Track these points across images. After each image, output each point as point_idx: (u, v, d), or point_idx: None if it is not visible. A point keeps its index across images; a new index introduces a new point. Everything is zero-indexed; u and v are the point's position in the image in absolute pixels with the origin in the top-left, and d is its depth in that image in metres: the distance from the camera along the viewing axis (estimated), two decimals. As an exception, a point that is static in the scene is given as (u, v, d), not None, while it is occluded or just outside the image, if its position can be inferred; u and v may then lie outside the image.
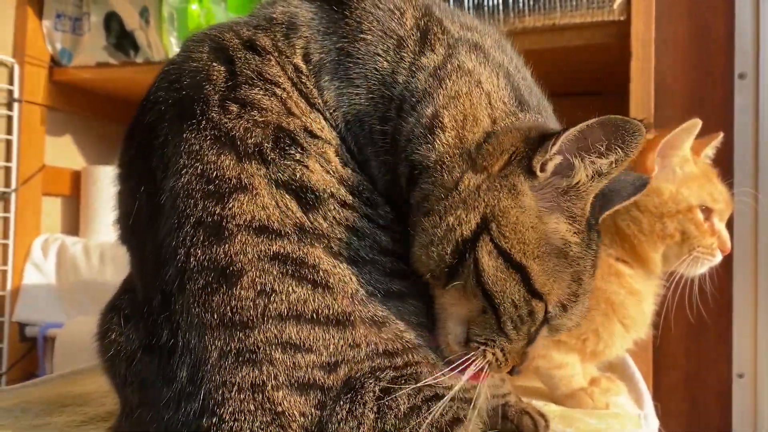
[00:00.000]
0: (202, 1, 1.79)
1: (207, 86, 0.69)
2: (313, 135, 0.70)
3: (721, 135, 1.18)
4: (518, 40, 1.54)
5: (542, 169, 0.67)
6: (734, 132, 1.69)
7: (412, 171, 0.71)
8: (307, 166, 0.67)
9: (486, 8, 1.55)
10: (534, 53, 1.55)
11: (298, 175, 0.66)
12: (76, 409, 0.95)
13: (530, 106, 0.74)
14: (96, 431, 0.85)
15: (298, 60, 0.73)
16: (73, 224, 2.19)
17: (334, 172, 0.69)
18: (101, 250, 1.96)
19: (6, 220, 1.98)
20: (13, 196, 1.97)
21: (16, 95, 1.96)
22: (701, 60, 1.77)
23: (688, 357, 1.73)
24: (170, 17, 1.79)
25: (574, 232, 0.67)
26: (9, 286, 1.97)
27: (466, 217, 0.65)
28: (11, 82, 1.96)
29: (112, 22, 1.96)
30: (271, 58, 0.72)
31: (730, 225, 1.11)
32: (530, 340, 0.70)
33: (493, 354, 0.68)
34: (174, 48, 1.80)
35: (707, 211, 1.06)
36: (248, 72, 0.70)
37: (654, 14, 1.45)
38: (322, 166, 0.68)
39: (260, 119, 0.67)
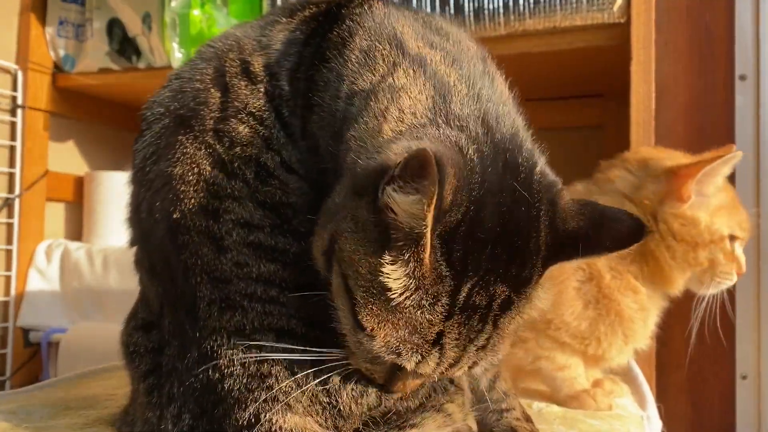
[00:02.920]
0: (204, 6, 1.80)
1: (204, 110, 0.76)
2: (290, 170, 0.75)
3: (740, 154, 1.16)
4: (519, 43, 1.56)
5: (381, 194, 0.58)
6: (735, 134, 1.70)
7: None
8: (286, 193, 0.73)
9: (486, 11, 1.55)
10: (535, 56, 1.59)
11: (276, 199, 0.73)
12: (80, 412, 0.96)
13: (450, 118, 0.65)
14: (99, 433, 0.86)
15: (284, 83, 0.77)
16: (76, 230, 2.19)
17: (310, 202, 0.73)
18: (104, 256, 1.97)
19: (9, 225, 1.98)
20: (16, 202, 1.98)
21: (19, 101, 1.97)
22: (702, 62, 1.77)
23: (692, 358, 1.73)
24: (172, 23, 1.80)
25: (406, 280, 0.59)
26: (13, 291, 1.98)
27: (324, 235, 0.65)
28: (15, 89, 1.97)
29: (115, 28, 1.97)
30: (261, 87, 0.77)
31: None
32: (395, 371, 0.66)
33: (355, 363, 0.68)
34: (176, 53, 1.81)
35: (733, 239, 1.07)
36: (237, 104, 0.76)
37: (654, 16, 1.46)
38: (299, 197, 0.73)
39: (243, 154, 0.74)
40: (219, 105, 0.76)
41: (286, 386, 0.67)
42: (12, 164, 1.98)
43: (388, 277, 0.58)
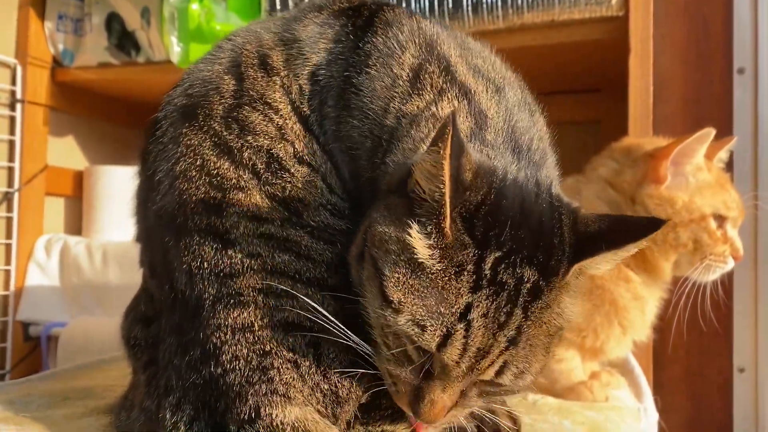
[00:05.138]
0: (202, 1, 1.80)
1: (214, 96, 0.76)
2: (302, 161, 0.74)
3: (735, 139, 1.17)
4: (517, 37, 1.56)
5: (410, 177, 0.63)
6: (733, 127, 1.70)
7: None
8: (296, 186, 0.73)
9: (484, 5, 1.55)
10: (533, 50, 1.58)
11: (287, 193, 0.72)
12: (78, 402, 0.96)
13: (483, 142, 0.70)
14: (97, 423, 0.86)
15: (304, 81, 0.77)
16: (75, 224, 2.20)
17: (320, 197, 0.74)
18: (104, 250, 1.97)
19: (9, 220, 1.99)
20: (16, 196, 1.99)
21: (18, 96, 1.98)
22: (700, 55, 1.77)
23: (689, 351, 1.73)
24: (171, 17, 1.80)
25: (430, 249, 0.61)
26: (12, 285, 1.98)
27: (358, 238, 0.68)
28: (14, 83, 1.98)
29: (114, 22, 1.97)
30: (278, 79, 0.77)
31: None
32: (420, 374, 0.63)
33: (382, 370, 0.67)
34: (175, 48, 1.81)
35: (720, 219, 1.06)
36: (253, 93, 0.76)
37: (652, 10, 1.46)
38: (309, 191, 0.73)
39: (254, 144, 0.73)
40: (232, 92, 0.76)
41: (287, 378, 0.67)
42: (11, 159, 1.98)
43: (413, 245, 0.61)
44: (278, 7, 1.71)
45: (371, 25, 0.79)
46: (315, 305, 0.69)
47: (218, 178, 0.72)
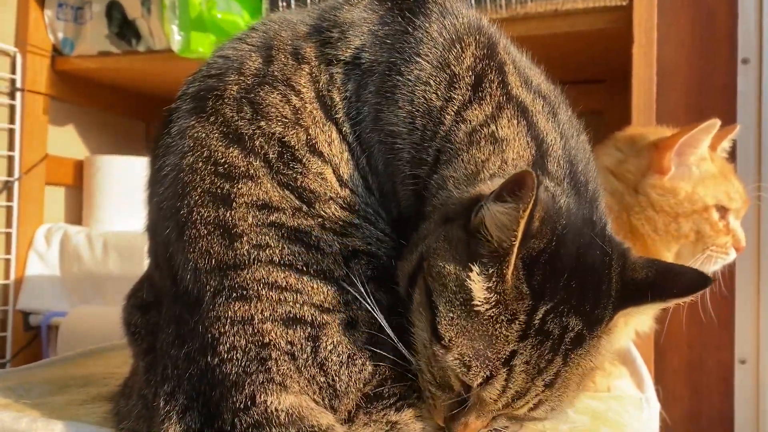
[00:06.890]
0: (203, -11, 1.79)
1: (233, 75, 0.75)
2: (314, 151, 0.73)
3: (738, 127, 1.17)
4: (520, 26, 1.55)
5: (475, 215, 0.65)
6: (737, 117, 1.69)
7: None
8: (307, 177, 0.72)
9: (488, -7, 1.54)
10: (536, 39, 1.57)
11: (298, 183, 0.72)
12: (78, 390, 0.96)
13: (547, 174, 0.71)
14: (98, 410, 0.86)
15: (339, 69, 0.75)
16: (75, 214, 2.19)
17: (330, 190, 0.73)
18: (104, 240, 1.97)
19: (9, 209, 1.98)
20: (16, 186, 1.98)
21: (18, 84, 1.96)
22: (704, 45, 1.76)
23: (690, 342, 1.73)
24: (172, 6, 1.79)
25: (488, 293, 0.62)
26: (12, 275, 1.98)
27: (413, 257, 0.68)
28: (14, 71, 1.97)
29: (114, 11, 1.96)
30: (307, 68, 0.75)
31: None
32: (459, 399, 0.66)
33: (423, 386, 0.69)
34: (176, 36, 1.80)
35: (723, 210, 1.06)
36: (278, 74, 0.75)
37: (656, -1, 1.45)
38: (319, 183, 0.72)
39: (267, 130, 0.72)
40: (255, 71, 0.75)
41: (284, 369, 0.67)
42: (11, 148, 1.97)
43: (472, 288, 0.62)
44: (280, -5, 1.70)
45: (422, 7, 0.77)
46: (322, 299, 0.69)
47: (226, 167, 0.71)
